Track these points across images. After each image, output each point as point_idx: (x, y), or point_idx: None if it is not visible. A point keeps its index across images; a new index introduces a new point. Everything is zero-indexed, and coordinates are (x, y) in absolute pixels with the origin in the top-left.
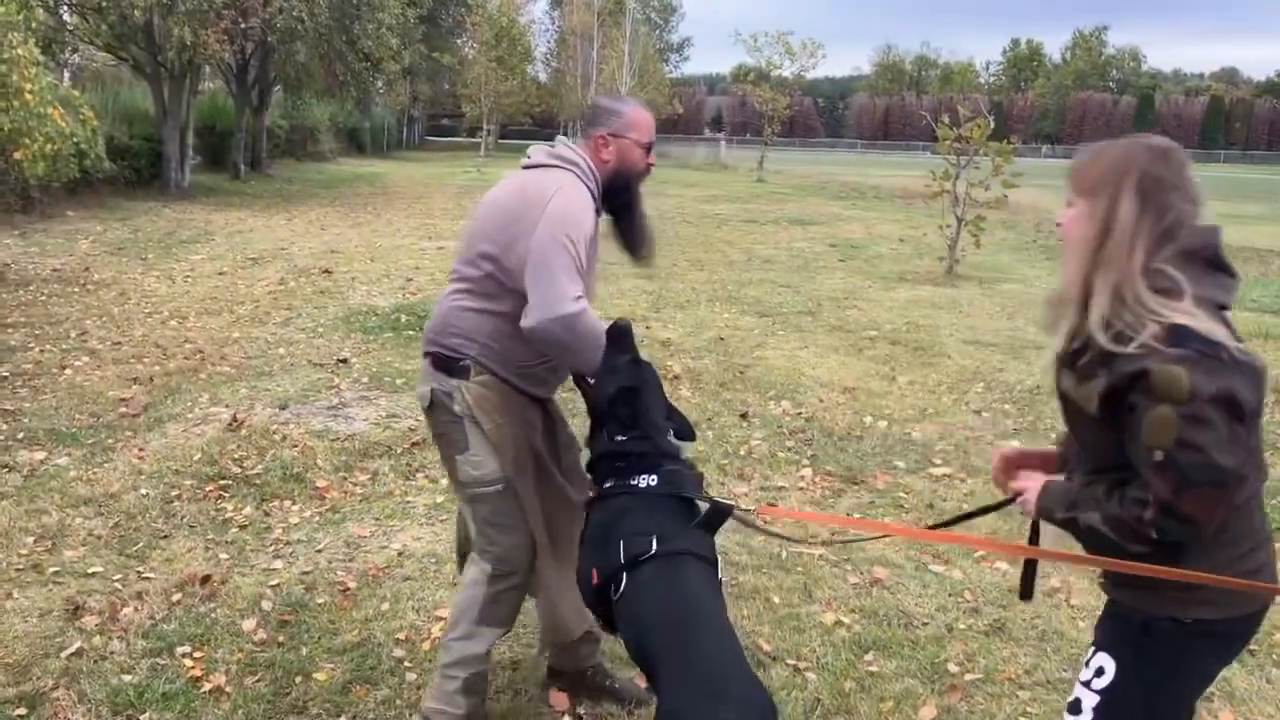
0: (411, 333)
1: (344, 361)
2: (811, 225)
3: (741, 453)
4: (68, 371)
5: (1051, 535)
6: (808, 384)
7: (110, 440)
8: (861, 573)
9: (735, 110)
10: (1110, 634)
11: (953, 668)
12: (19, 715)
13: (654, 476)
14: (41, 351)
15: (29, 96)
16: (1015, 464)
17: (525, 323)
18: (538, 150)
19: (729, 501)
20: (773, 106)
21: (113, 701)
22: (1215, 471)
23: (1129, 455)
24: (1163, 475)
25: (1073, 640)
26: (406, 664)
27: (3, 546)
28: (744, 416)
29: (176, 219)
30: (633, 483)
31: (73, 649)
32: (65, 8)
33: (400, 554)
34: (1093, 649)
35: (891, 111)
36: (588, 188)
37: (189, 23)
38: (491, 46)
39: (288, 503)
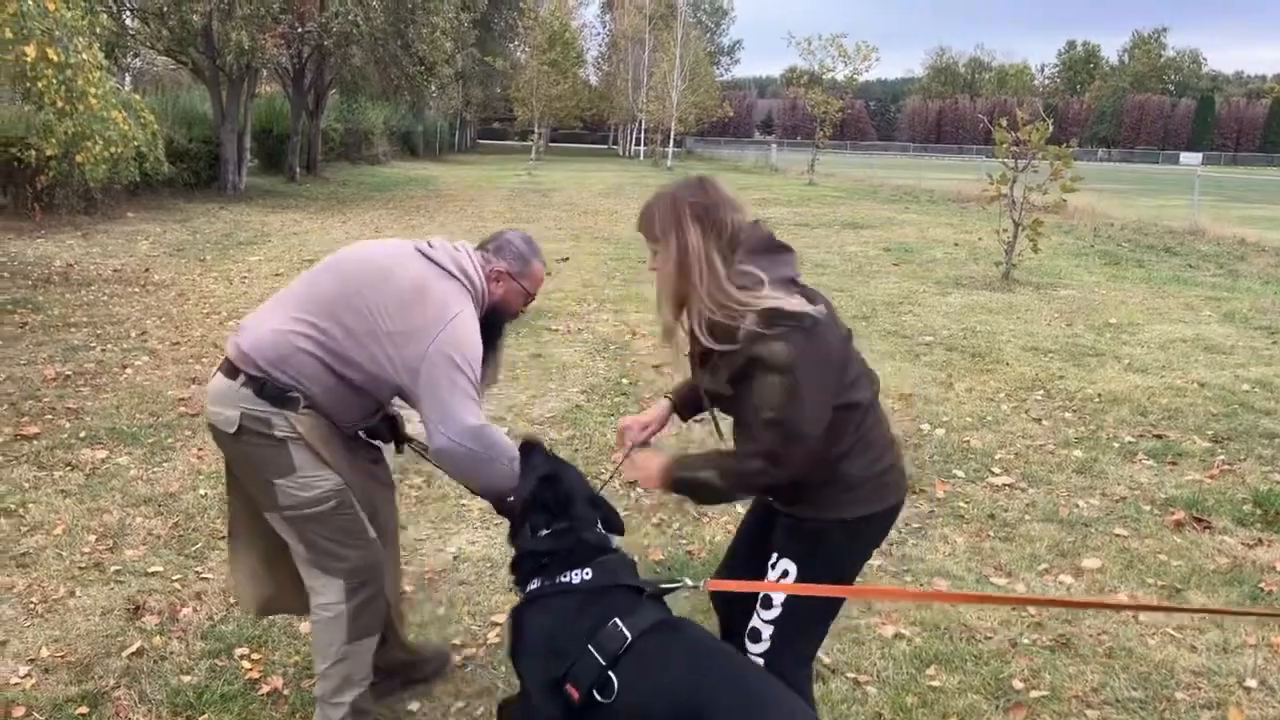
0: None
1: None
2: (864, 229)
3: None
4: (128, 371)
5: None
6: None
7: (170, 440)
8: (922, 584)
9: (786, 113)
10: (790, 543)
11: (1017, 684)
12: (81, 714)
13: (588, 570)
14: (103, 351)
15: (93, 100)
16: (637, 431)
17: (433, 443)
18: (442, 246)
19: (673, 585)
20: (825, 109)
21: (172, 702)
22: (812, 427)
23: (743, 414)
24: (770, 431)
25: (1142, 658)
26: (463, 670)
27: (66, 544)
28: None
29: (234, 221)
30: (563, 579)
31: (133, 648)
32: (128, 13)
33: (456, 558)
34: (775, 555)
35: (944, 114)
36: (477, 312)
37: (247, 27)
38: (544, 50)
39: None
